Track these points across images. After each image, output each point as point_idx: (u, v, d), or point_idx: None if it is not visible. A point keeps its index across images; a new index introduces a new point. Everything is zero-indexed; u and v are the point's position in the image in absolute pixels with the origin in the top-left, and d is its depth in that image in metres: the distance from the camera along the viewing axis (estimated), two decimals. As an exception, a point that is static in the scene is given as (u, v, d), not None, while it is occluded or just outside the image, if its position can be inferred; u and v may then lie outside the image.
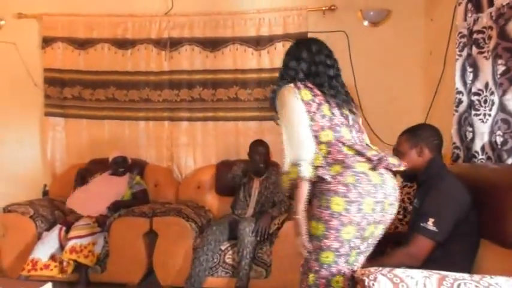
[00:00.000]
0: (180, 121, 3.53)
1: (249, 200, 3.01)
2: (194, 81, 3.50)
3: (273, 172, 3.07)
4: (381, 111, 3.31)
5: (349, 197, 1.48)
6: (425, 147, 1.88)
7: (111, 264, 2.87)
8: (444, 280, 1.23)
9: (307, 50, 1.75)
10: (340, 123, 1.62)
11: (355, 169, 1.51)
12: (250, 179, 3.05)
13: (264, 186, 3.02)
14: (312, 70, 1.71)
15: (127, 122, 3.59)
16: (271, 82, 3.42)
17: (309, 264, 1.57)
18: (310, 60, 1.72)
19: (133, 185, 3.25)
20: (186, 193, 3.35)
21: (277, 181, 3.02)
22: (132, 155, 3.47)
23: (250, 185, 3.03)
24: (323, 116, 1.59)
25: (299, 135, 1.56)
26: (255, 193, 3.00)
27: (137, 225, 2.88)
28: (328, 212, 1.50)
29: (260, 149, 3.03)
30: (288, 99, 1.62)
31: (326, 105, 1.62)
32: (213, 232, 2.73)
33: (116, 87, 3.59)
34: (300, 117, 1.58)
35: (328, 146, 1.56)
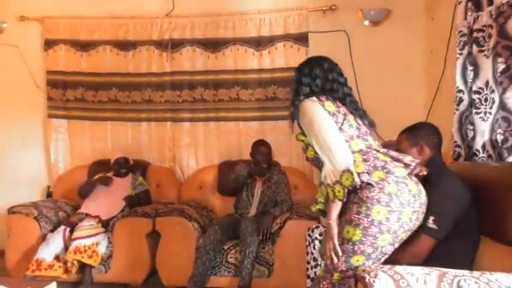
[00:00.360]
0: (182, 122, 3.56)
1: (251, 199, 3.03)
2: (196, 82, 3.52)
3: (275, 172, 3.09)
4: (382, 111, 3.27)
5: (391, 206, 1.51)
6: (425, 146, 1.91)
7: (115, 264, 2.89)
8: (444, 277, 1.24)
9: (319, 67, 1.77)
10: (365, 132, 1.66)
11: (395, 174, 1.54)
12: (253, 179, 3.07)
13: (267, 186, 3.03)
14: (327, 87, 1.73)
15: (129, 123, 3.61)
16: (272, 82, 3.44)
17: (335, 265, 1.59)
18: (323, 77, 1.74)
19: (136, 186, 3.27)
20: (189, 193, 3.38)
21: (279, 181, 3.05)
22: (134, 156, 3.49)
23: (253, 185, 3.04)
24: (350, 126, 1.62)
25: (336, 144, 1.56)
26: (257, 193, 3.02)
27: (140, 226, 2.90)
28: (368, 219, 1.51)
29: (263, 149, 3.04)
30: (313, 112, 1.62)
31: (351, 115, 1.66)
32: (216, 232, 2.75)
33: (118, 89, 3.61)
34: (331, 126, 1.59)
35: (363, 154, 1.58)
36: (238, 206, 3.07)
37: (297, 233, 2.72)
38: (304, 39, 3.39)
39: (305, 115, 1.65)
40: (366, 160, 1.56)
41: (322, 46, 3.44)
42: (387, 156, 1.58)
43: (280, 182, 3.05)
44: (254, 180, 3.06)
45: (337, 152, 1.55)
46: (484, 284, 1.20)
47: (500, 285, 1.20)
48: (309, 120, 1.63)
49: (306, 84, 1.74)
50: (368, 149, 1.60)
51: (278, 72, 3.42)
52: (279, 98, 3.43)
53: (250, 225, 2.71)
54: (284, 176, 3.10)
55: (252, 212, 3.00)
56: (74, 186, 3.46)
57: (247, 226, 2.71)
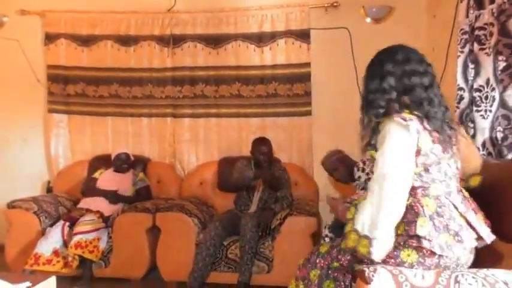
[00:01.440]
0: (182, 117, 3.57)
1: (252, 196, 3.05)
2: (197, 77, 3.54)
3: (275, 169, 3.11)
4: None
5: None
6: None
7: (115, 260, 2.91)
8: (442, 272, 1.26)
9: (391, 61, 1.47)
10: (451, 175, 1.37)
11: (465, 244, 1.31)
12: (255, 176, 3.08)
13: (268, 184, 3.05)
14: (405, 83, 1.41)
15: (130, 119, 3.63)
16: (273, 79, 3.45)
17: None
18: (399, 72, 1.43)
19: (136, 182, 3.30)
20: (189, 189, 3.40)
21: (280, 177, 3.06)
22: (135, 152, 3.51)
23: (254, 182, 3.06)
24: (439, 170, 1.34)
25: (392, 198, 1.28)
26: (259, 190, 3.04)
27: (140, 221, 2.92)
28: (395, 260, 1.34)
29: (263, 148, 3.05)
30: (397, 144, 1.30)
31: (446, 155, 1.35)
32: (216, 227, 2.77)
33: (119, 84, 3.63)
34: (406, 178, 1.30)
35: (439, 205, 1.32)
36: (238, 202, 3.10)
37: (297, 229, 2.76)
38: (305, 36, 3.40)
39: (384, 138, 1.34)
40: (439, 214, 1.31)
41: (324, 43, 3.46)
42: (463, 218, 1.32)
43: (281, 178, 3.07)
44: (255, 178, 3.08)
45: (384, 207, 1.28)
46: (481, 279, 1.23)
47: (497, 280, 1.22)
48: (386, 148, 1.32)
49: (376, 91, 1.45)
50: (445, 199, 1.33)
51: (279, 69, 3.44)
52: (280, 95, 3.45)
53: (250, 221, 2.74)
54: (285, 173, 3.12)
55: (253, 208, 3.03)
56: (74, 181, 3.50)
57: (247, 222, 2.73)
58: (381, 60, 1.51)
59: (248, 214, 2.87)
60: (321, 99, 3.45)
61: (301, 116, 3.42)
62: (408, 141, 1.32)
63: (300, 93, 3.42)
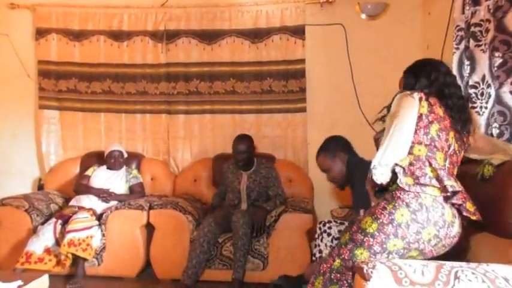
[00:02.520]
0: (176, 114, 3.54)
1: (238, 195, 3.02)
2: (191, 74, 3.50)
3: (262, 166, 3.06)
4: (378, 105, 3.23)
5: (417, 215, 1.50)
6: (340, 153, 2.20)
7: (108, 258, 2.87)
8: (442, 268, 1.25)
9: (437, 71, 1.75)
10: (439, 147, 1.61)
11: (426, 191, 1.52)
12: (237, 173, 3.05)
13: (252, 180, 3.01)
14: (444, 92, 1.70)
15: (123, 115, 3.58)
16: (268, 75, 3.43)
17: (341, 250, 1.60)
18: (442, 82, 1.72)
19: (129, 179, 3.25)
20: (183, 186, 3.37)
21: (268, 175, 3.02)
22: (128, 148, 3.47)
23: (239, 180, 3.03)
24: (427, 134, 1.60)
25: (399, 140, 1.57)
26: (243, 188, 3.01)
27: (134, 218, 2.88)
28: (389, 217, 1.52)
29: (240, 147, 2.98)
30: (405, 108, 1.61)
31: (436, 125, 1.62)
32: (210, 224, 2.75)
33: (112, 80, 3.57)
34: (409, 123, 1.59)
35: (415, 159, 1.58)
36: (228, 200, 3.06)
37: (292, 226, 2.75)
38: (300, 32, 3.38)
39: (394, 105, 1.65)
40: (411, 164, 1.57)
41: (319, 39, 3.45)
42: (434, 172, 1.55)
43: (269, 176, 3.04)
44: (239, 175, 3.05)
45: (392, 147, 1.57)
46: (481, 274, 1.22)
47: (496, 276, 1.22)
48: (395, 112, 1.63)
49: (424, 86, 1.71)
50: (423, 158, 1.58)
51: (274, 65, 3.41)
52: (275, 91, 3.43)
53: (241, 217, 2.71)
54: (272, 170, 3.07)
55: (243, 206, 3.00)
56: (66, 178, 3.45)
57: (238, 219, 2.71)
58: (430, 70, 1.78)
59: (239, 211, 2.85)
60: (315, 96, 3.44)
61: (296, 113, 3.41)
62: (411, 101, 1.62)
63: (295, 90, 3.40)
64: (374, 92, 3.36)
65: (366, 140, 3.41)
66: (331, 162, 2.22)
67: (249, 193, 2.99)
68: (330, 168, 2.24)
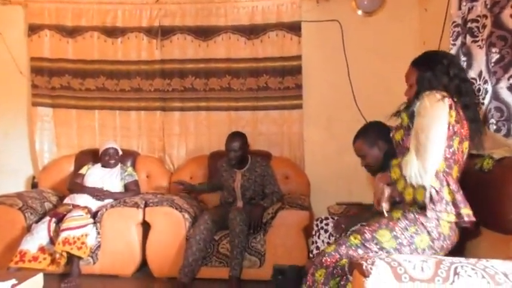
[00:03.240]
0: (172, 111, 3.51)
1: (233, 193, 3.00)
2: (186, 70, 3.47)
3: (256, 164, 3.02)
4: (374, 101, 3.32)
5: (434, 244, 1.52)
6: (380, 141, 2.05)
7: (104, 256, 2.84)
8: (441, 263, 1.25)
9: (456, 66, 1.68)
10: (456, 160, 1.56)
11: (443, 218, 1.51)
12: (231, 171, 3.03)
13: (247, 179, 2.99)
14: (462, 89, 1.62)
15: (118, 112, 3.55)
16: (264, 72, 3.41)
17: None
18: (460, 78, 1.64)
19: (124, 177, 3.22)
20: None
21: (263, 173, 3.00)
22: (123, 146, 3.43)
23: (233, 178, 3.01)
24: (449, 147, 1.54)
25: (436, 154, 1.49)
26: (237, 186, 2.99)
27: (129, 216, 2.85)
28: (409, 240, 1.52)
29: (234, 145, 2.92)
30: (437, 111, 1.51)
31: (458, 137, 1.55)
32: (206, 222, 2.73)
33: (106, 77, 3.54)
34: (441, 134, 1.51)
35: (438, 179, 1.53)
36: (223, 198, 3.05)
37: (289, 223, 2.74)
38: (297, 28, 3.37)
39: (425, 107, 1.53)
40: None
41: (315, 36, 3.43)
42: (451, 195, 1.52)
43: (265, 174, 3.01)
44: (233, 173, 3.03)
45: (431, 162, 1.49)
46: (481, 270, 1.21)
47: (496, 271, 1.21)
48: (427, 119, 1.52)
49: (443, 85, 1.62)
50: (442, 176, 1.53)
51: (270, 62, 3.39)
52: (271, 88, 3.41)
53: (238, 215, 2.70)
54: (268, 167, 3.04)
55: (239, 204, 2.99)
56: (60, 176, 3.41)
57: (235, 216, 2.69)
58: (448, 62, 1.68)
59: (236, 208, 2.83)
60: (312, 93, 3.42)
61: (292, 110, 3.39)
62: (444, 108, 1.52)
63: (291, 87, 3.39)
64: (370, 88, 3.36)
65: None
66: (369, 150, 2.07)
67: (244, 192, 2.97)
68: (366, 155, 2.09)
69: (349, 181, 3.37)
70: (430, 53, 1.85)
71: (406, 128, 1.62)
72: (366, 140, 2.10)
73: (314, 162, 3.43)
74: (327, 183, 3.40)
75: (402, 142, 1.64)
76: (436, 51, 1.93)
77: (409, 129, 1.60)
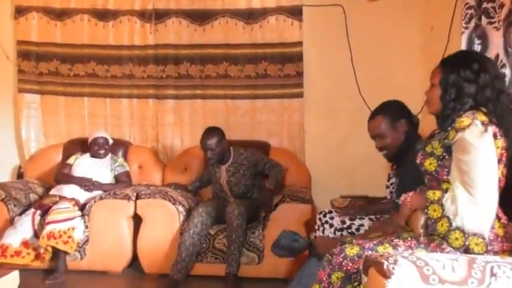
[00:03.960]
0: (166, 99, 3.31)
1: (222, 188, 2.81)
2: (181, 56, 3.27)
3: (241, 157, 2.78)
4: (378, 89, 3.13)
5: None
6: (402, 120, 1.82)
7: (92, 251, 2.64)
8: (474, 263, 1.06)
9: (487, 72, 1.39)
10: (500, 186, 1.37)
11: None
12: (217, 166, 2.81)
13: (232, 174, 2.78)
14: (496, 106, 1.37)
15: (109, 100, 3.35)
16: (263, 58, 3.23)
17: None
18: (492, 88, 1.38)
19: (115, 168, 3.01)
20: (173, 176, 3.13)
21: (253, 162, 2.78)
22: (114, 135, 3.23)
23: (218, 174, 2.81)
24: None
25: (490, 198, 1.29)
26: (224, 182, 2.79)
27: (120, 209, 2.65)
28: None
29: (209, 143, 2.66)
30: (484, 148, 1.30)
31: (502, 164, 1.36)
32: (199, 214, 2.53)
33: (97, 62, 3.33)
34: (495, 171, 1.31)
35: None
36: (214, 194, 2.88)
37: (289, 217, 2.55)
38: (297, 12, 3.17)
39: (470, 145, 1.31)
40: None
41: (317, 21, 3.23)
42: (501, 229, 1.34)
43: (255, 163, 2.78)
44: (218, 168, 2.81)
45: (490, 208, 1.30)
46: (522, 270, 1.03)
47: (539, 272, 1.03)
48: (472, 155, 1.30)
49: (470, 95, 1.38)
50: None
51: (270, 48, 3.20)
52: (270, 75, 3.22)
53: (236, 208, 2.50)
54: (254, 156, 2.80)
55: (231, 200, 2.79)
56: (47, 166, 3.20)
57: (233, 209, 2.49)
58: (479, 68, 1.41)
59: (234, 201, 2.63)
60: (313, 81, 3.23)
61: (293, 98, 3.21)
62: (490, 141, 1.32)
63: (292, 74, 3.20)
64: (375, 76, 3.18)
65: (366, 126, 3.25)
66: (389, 128, 1.79)
67: (232, 187, 2.77)
68: (384, 135, 1.81)
69: (351, 173, 3.20)
70: (462, 53, 1.65)
71: (438, 157, 1.40)
72: (388, 116, 1.82)
73: (315, 153, 3.25)
74: (328, 175, 3.22)
75: (436, 173, 1.40)
76: (471, 52, 1.71)
77: (443, 159, 1.39)
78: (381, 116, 1.87)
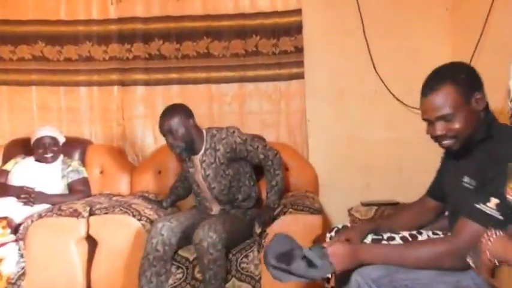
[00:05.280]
0: (134, 85, 2.65)
1: (199, 190, 2.07)
2: (152, 32, 2.63)
3: (215, 139, 1.99)
4: (397, 65, 2.54)
5: None
6: (477, 93, 1.16)
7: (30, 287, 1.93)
8: None
9: None
10: None
11: None
12: (190, 159, 2.05)
13: (208, 165, 1.99)
14: None
15: (62, 89, 2.68)
16: (253, 31, 2.59)
17: None
18: None
19: (67, 174, 2.31)
20: (143, 181, 2.43)
21: (232, 146, 1.97)
22: (70, 133, 2.57)
23: (192, 170, 2.05)
24: None
25: None
26: (199, 180, 2.03)
27: (66, 229, 1.95)
28: None
29: (167, 125, 1.93)
30: None
31: None
32: (159, 233, 1.81)
33: (46, 42, 2.67)
34: None
35: None
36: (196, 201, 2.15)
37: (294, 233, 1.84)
38: (295, -28, 2.50)
39: None
40: None
41: (319, -17, 2.56)
42: None
43: (234, 146, 1.98)
44: (191, 161, 2.05)
45: None
46: None
47: None
48: None
49: None
50: None
51: (261, 18, 2.56)
52: (263, 53, 2.57)
53: (207, 233, 1.74)
54: (233, 134, 1.99)
55: (215, 207, 2.07)
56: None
57: (202, 237, 1.73)
58: None
59: (208, 220, 1.86)
60: (316, 58, 2.56)
61: (291, 80, 2.56)
62: None
63: (289, 50, 2.55)
64: (392, 48, 2.53)
65: (385, 112, 2.57)
66: (462, 103, 1.13)
67: (211, 186, 2.02)
68: (455, 114, 1.13)
69: (366, 171, 2.57)
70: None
71: None
72: (460, 85, 1.13)
73: (320, 148, 2.58)
74: (337, 175, 2.57)
75: None
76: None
77: None
78: (450, 85, 1.14)
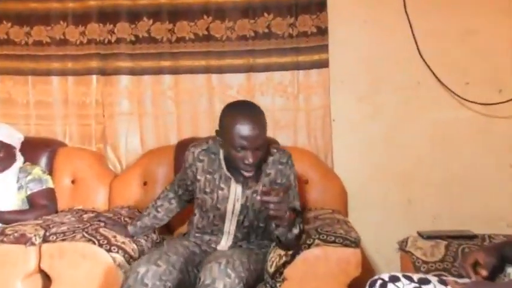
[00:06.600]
0: (117, 75, 2.14)
1: (220, 220, 1.44)
2: (139, 9, 2.11)
3: (273, 160, 1.42)
4: (449, 50, 2.00)
5: None
6: None
7: None
8: None
9: None
10: None
11: None
12: (225, 178, 1.43)
13: (253, 193, 1.40)
14: None
15: (31, 79, 2.18)
16: (263, 8, 2.11)
17: None
18: None
19: (25, 184, 1.79)
20: (125, 194, 1.91)
21: (282, 179, 1.41)
22: (40, 132, 2.12)
23: (224, 191, 1.42)
24: None
25: None
26: (232, 208, 1.41)
27: (11, 262, 1.42)
28: None
29: (257, 135, 1.28)
30: None
31: None
32: (140, 282, 1.19)
33: (12, 23, 2.17)
34: None
35: None
36: (198, 226, 1.52)
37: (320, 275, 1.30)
38: None
39: None
40: None
41: None
42: None
43: (284, 175, 1.42)
44: (227, 183, 1.42)
45: None
46: None
47: None
48: None
49: None
50: None
51: (272, -7, 2.05)
52: (276, 35, 2.04)
53: (220, 273, 1.18)
54: (290, 167, 1.44)
55: (225, 241, 1.45)
56: None
57: (221, 274, 1.17)
58: None
59: (220, 254, 1.31)
60: (344, 41, 2.03)
61: (312, 69, 2.03)
62: None
63: (310, 32, 2.02)
64: (441, 31, 1.98)
65: (431, 109, 2.02)
66: None
67: (246, 218, 1.41)
68: None
69: (406, 184, 2.02)
70: None
71: None
72: None
73: (348, 154, 2.04)
74: (370, 188, 2.02)
75: None
76: None
77: None
78: None
